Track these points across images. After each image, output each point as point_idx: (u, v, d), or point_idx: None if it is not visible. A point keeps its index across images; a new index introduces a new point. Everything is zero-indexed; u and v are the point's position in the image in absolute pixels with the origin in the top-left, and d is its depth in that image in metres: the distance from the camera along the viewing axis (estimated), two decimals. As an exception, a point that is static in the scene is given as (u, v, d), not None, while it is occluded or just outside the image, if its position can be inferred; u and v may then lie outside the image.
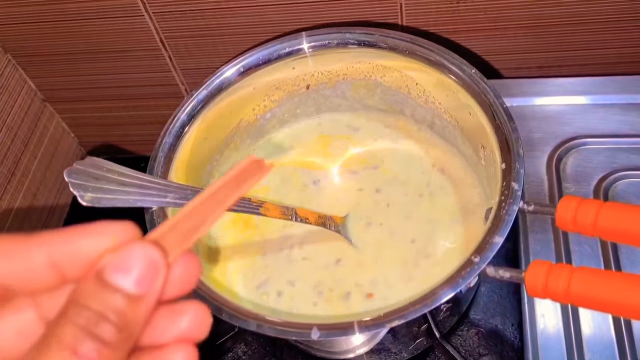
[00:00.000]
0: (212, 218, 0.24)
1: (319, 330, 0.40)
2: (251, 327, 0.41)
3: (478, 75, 0.51)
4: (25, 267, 0.22)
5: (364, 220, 0.56)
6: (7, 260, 0.22)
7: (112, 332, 0.20)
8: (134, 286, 0.21)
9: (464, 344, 0.53)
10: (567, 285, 0.37)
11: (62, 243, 0.22)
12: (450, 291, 0.40)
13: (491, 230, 0.42)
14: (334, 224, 0.54)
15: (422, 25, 0.62)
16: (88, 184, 0.42)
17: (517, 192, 0.44)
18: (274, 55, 0.56)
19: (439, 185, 0.57)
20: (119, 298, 0.21)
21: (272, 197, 0.59)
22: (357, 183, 0.59)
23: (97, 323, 0.20)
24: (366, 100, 0.61)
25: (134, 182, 0.45)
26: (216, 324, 0.56)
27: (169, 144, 0.52)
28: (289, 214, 0.51)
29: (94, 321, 0.20)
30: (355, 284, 0.52)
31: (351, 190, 0.58)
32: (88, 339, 0.20)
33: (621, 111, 0.61)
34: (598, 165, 0.59)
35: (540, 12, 0.60)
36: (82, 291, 0.21)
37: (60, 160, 0.77)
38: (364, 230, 0.55)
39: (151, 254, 0.22)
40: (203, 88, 0.54)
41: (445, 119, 0.57)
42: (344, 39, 0.56)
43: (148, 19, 0.64)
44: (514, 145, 0.46)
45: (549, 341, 0.50)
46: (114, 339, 0.20)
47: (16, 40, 0.67)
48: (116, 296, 0.21)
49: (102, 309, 0.20)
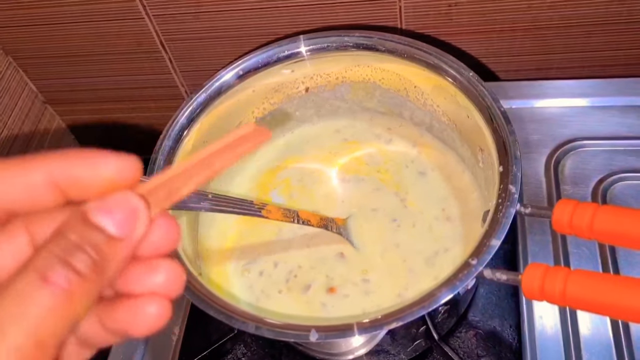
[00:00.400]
0: (200, 180, 0.24)
1: (317, 332, 0.40)
2: (250, 329, 0.41)
3: (476, 78, 0.51)
4: (24, 186, 0.22)
5: (363, 222, 0.56)
6: (5, 182, 0.22)
7: (86, 264, 0.21)
8: (114, 227, 0.22)
9: (462, 346, 0.54)
10: (563, 287, 0.38)
11: (63, 167, 0.23)
12: (448, 293, 0.41)
13: (488, 232, 0.43)
14: (336, 226, 0.54)
15: (420, 28, 0.62)
16: None
17: (514, 195, 0.44)
18: (273, 58, 0.56)
19: (437, 187, 0.57)
20: (99, 235, 0.21)
21: (276, 201, 0.59)
22: (356, 185, 0.59)
23: (72, 253, 0.21)
24: (365, 103, 0.62)
25: None
26: (215, 326, 0.57)
27: (168, 147, 0.52)
28: (290, 216, 0.51)
29: (70, 251, 0.21)
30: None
31: (350, 193, 0.59)
32: (60, 266, 0.20)
33: (619, 113, 0.61)
34: (596, 167, 0.59)
35: (537, 15, 0.60)
36: (66, 225, 0.21)
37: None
38: (365, 232, 0.56)
39: (134, 203, 0.22)
40: (202, 91, 0.54)
41: (444, 121, 0.57)
42: (343, 42, 0.56)
43: (148, 22, 0.64)
44: (511, 148, 0.46)
45: (547, 342, 0.50)
46: (86, 271, 0.21)
47: (17, 42, 0.68)
48: (96, 233, 0.21)
49: (80, 242, 0.21)
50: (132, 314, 0.23)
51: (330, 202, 0.59)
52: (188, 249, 0.50)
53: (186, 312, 0.58)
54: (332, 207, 0.58)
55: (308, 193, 0.60)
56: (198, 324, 0.57)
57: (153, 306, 0.23)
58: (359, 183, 0.59)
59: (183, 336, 0.57)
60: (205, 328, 0.57)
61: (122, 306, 0.23)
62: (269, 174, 0.62)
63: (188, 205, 0.47)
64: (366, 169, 0.60)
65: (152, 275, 0.23)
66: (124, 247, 0.22)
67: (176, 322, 0.57)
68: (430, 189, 0.57)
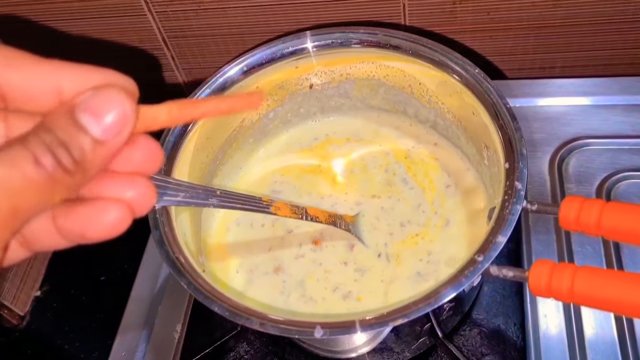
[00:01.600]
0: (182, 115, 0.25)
1: (322, 328, 0.40)
2: (254, 325, 0.41)
3: (481, 75, 0.51)
4: (34, 84, 0.23)
5: (370, 219, 0.56)
6: (18, 72, 0.23)
7: (69, 161, 0.21)
8: (100, 132, 0.22)
9: (466, 344, 0.53)
10: (570, 284, 0.38)
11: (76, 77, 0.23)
12: (454, 290, 0.40)
13: (494, 229, 0.42)
14: (345, 222, 0.54)
15: (425, 25, 0.62)
16: None
17: (521, 191, 0.44)
18: (277, 54, 0.56)
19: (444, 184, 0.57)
20: (84, 138, 0.22)
21: (280, 197, 0.59)
22: (360, 183, 0.59)
23: (59, 148, 0.21)
24: (369, 99, 0.61)
25: None
26: (218, 323, 0.57)
27: (172, 143, 0.52)
28: (299, 213, 0.51)
29: (56, 145, 0.21)
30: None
31: (355, 190, 0.58)
32: (49, 154, 0.21)
33: (623, 112, 0.61)
34: (600, 165, 0.59)
35: (542, 13, 0.60)
36: (53, 120, 0.22)
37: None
38: (372, 230, 0.55)
39: (125, 107, 0.22)
40: (206, 87, 0.54)
41: (449, 118, 0.57)
42: (348, 39, 0.56)
43: (151, 19, 0.64)
44: (518, 145, 0.46)
45: (551, 341, 0.50)
46: (70, 167, 0.22)
47: (18, 39, 0.67)
48: (82, 135, 0.22)
49: (67, 141, 0.22)
50: (92, 215, 0.23)
51: (334, 199, 0.58)
52: (191, 245, 0.50)
53: (188, 309, 0.58)
54: (336, 204, 0.58)
55: (310, 190, 0.59)
56: (200, 321, 0.57)
57: (115, 211, 0.23)
58: (363, 181, 0.59)
59: (185, 333, 0.56)
60: (207, 325, 0.57)
61: (83, 207, 0.23)
62: (272, 170, 0.61)
63: (196, 201, 0.47)
64: (369, 165, 0.60)
65: (130, 156, 0.24)
66: (106, 150, 0.22)
67: (178, 320, 0.57)
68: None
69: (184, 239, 0.49)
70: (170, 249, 0.46)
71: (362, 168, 0.60)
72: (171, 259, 0.45)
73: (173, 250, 0.46)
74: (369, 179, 0.59)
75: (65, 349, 0.64)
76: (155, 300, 0.59)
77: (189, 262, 0.46)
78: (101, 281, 0.68)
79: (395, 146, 0.61)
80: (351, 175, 0.60)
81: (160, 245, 0.46)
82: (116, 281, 0.66)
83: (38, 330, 0.66)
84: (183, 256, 0.46)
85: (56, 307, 0.67)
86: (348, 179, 0.60)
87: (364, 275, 0.53)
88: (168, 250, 0.46)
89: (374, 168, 0.60)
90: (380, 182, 0.58)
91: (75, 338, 0.64)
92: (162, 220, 0.47)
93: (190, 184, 0.47)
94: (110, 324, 0.58)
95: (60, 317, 0.66)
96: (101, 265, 0.69)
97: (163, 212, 0.47)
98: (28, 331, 0.65)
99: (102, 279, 0.68)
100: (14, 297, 0.65)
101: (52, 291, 0.68)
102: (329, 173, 0.60)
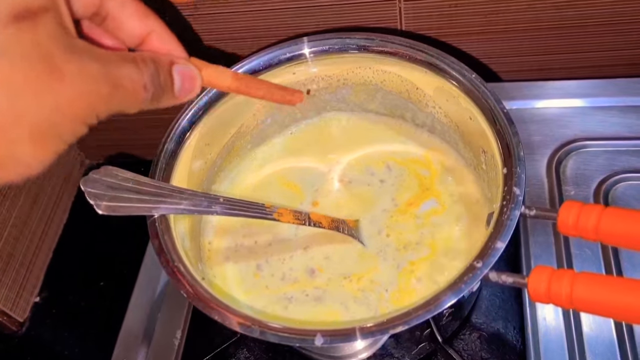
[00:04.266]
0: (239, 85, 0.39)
1: (323, 336, 0.40)
2: (254, 334, 0.41)
3: (478, 79, 0.51)
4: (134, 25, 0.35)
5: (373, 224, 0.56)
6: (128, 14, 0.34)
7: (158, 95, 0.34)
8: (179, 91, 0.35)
9: (466, 348, 0.54)
10: (569, 290, 0.38)
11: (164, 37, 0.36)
12: (453, 297, 0.40)
13: (493, 235, 0.43)
14: (348, 227, 0.54)
15: (421, 30, 0.62)
16: (104, 193, 0.43)
17: (519, 197, 0.44)
18: (274, 60, 0.56)
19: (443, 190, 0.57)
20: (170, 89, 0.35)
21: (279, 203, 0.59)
22: (357, 188, 0.59)
23: (158, 85, 0.33)
24: (367, 105, 0.61)
25: (149, 190, 0.45)
26: (218, 330, 0.57)
27: (170, 150, 0.52)
28: (302, 219, 0.51)
29: (157, 83, 0.33)
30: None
31: (353, 196, 0.59)
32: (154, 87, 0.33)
33: (620, 113, 0.61)
34: (598, 168, 0.59)
35: (539, 15, 0.60)
36: (160, 65, 0.33)
37: (59, 165, 0.77)
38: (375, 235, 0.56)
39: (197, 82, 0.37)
40: (204, 94, 0.54)
41: (446, 123, 0.57)
42: (345, 44, 0.56)
43: (148, 24, 0.64)
44: (515, 150, 0.46)
45: (550, 344, 0.50)
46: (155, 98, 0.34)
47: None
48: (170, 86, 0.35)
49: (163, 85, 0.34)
50: None
51: (333, 205, 0.58)
52: (190, 252, 0.50)
53: (188, 316, 0.58)
54: (335, 210, 0.58)
55: (310, 196, 0.59)
56: (200, 327, 0.57)
57: None
58: (360, 186, 0.59)
59: (185, 340, 0.56)
60: (207, 332, 0.57)
61: None
62: (270, 175, 0.61)
63: (199, 209, 0.47)
64: (368, 171, 0.60)
65: None
66: (177, 97, 0.35)
67: (178, 326, 0.57)
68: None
69: (183, 246, 0.49)
70: (169, 258, 0.46)
71: (361, 172, 0.60)
72: (170, 268, 0.45)
73: (172, 258, 0.46)
74: (367, 183, 0.59)
75: (64, 355, 0.64)
76: (155, 306, 0.59)
77: (188, 270, 0.46)
78: (100, 287, 0.68)
79: (393, 151, 0.61)
80: (350, 180, 0.60)
81: (159, 254, 0.46)
82: (115, 287, 0.66)
83: (37, 336, 0.66)
84: (182, 264, 0.46)
85: (55, 314, 0.67)
86: (347, 184, 0.60)
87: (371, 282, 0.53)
88: (167, 258, 0.46)
89: (371, 173, 0.60)
90: (378, 186, 0.58)
91: (74, 344, 0.64)
92: (162, 229, 0.47)
93: (193, 192, 0.48)
94: (110, 330, 0.58)
95: (60, 323, 0.66)
96: (100, 271, 0.69)
97: (162, 220, 0.47)
98: (27, 338, 0.65)
99: (101, 284, 0.68)
100: (12, 303, 0.65)
101: (51, 297, 0.68)
102: (328, 178, 0.60)
